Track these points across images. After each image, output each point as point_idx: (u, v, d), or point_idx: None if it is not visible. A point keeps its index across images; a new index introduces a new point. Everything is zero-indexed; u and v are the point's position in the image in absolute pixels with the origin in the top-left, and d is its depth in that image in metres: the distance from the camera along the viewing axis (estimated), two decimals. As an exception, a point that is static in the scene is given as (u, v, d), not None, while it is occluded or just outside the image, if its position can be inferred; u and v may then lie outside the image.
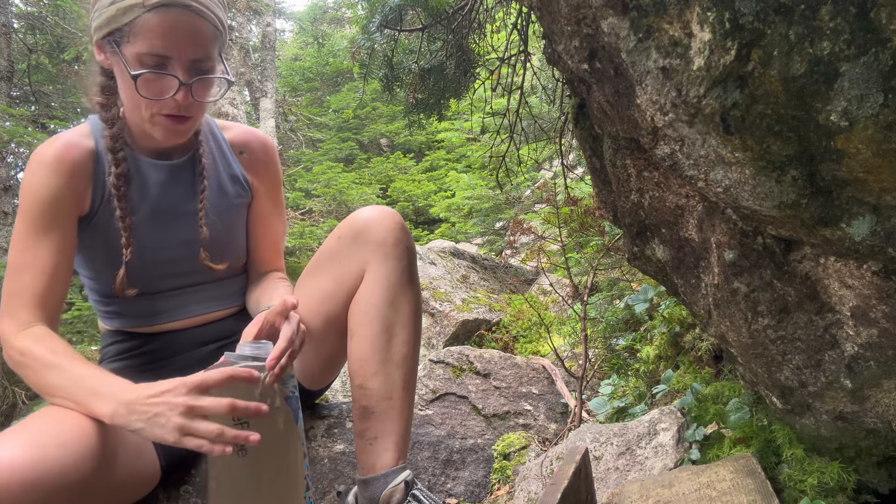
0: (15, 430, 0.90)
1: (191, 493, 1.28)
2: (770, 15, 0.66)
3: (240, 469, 0.97)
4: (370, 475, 1.14)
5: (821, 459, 1.04)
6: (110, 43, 1.07)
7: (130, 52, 1.05)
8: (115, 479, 1.00)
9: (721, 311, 1.01)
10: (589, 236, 2.31)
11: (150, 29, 1.03)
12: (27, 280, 1.09)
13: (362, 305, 1.20)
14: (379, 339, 1.18)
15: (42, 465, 0.85)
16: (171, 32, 1.04)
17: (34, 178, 1.11)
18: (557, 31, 0.97)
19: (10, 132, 4.77)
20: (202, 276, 1.30)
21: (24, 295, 1.08)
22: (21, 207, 1.12)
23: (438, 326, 3.01)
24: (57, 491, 0.86)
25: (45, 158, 1.12)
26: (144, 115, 1.10)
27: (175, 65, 1.06)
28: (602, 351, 2.03)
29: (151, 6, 1.02)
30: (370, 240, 1.20)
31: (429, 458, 1.51)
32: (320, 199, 8.74)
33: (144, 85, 1.06)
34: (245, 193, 1.35)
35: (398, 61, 2.20)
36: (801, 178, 0.74)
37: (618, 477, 1.24)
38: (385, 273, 1.20)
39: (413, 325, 1.23)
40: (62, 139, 1.14)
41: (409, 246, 1.23)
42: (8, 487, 0.82)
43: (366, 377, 1.18)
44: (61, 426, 0.92)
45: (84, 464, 0.90)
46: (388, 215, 1.23)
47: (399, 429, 1.18)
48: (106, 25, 1.06)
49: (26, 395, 4.17)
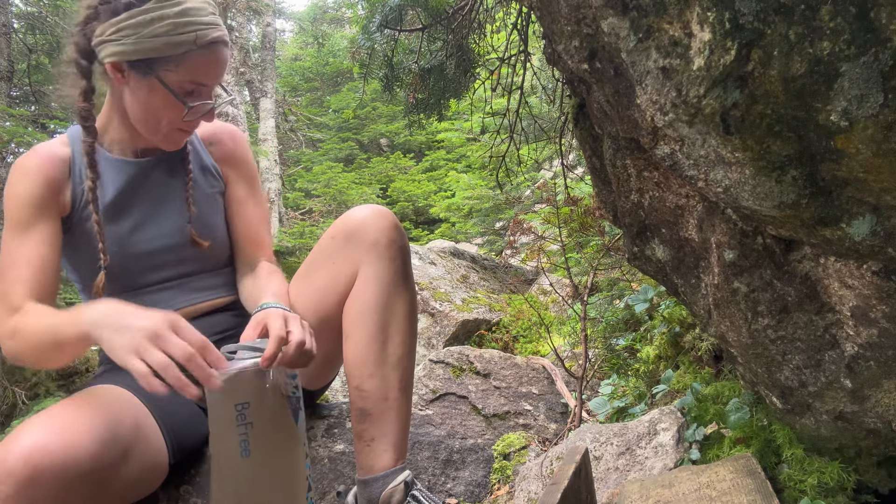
0: (43, 417, 0.90)
1: (191, 493, 1.28)
2: (770, 15, 0.66)
3: (242, 469, 0.97)
4: (369, 476, 1.14)
5: (821, 459, 1.04)
6: (140, 66, 1.13)
7: (173, 79, 1.14)
8: (133, 471, 1.01)
9: (721, 311, 1.01)
10: (589, 236, 2.31)
11: (197, 63, 1.14)
12: (18, 274, 1.12)
13: (356, 307, 1.20)
14: (374, 340, 1.18)
15: (74, 450, 0.86)
16: (214, 65, 1.17)
17: (16, 186, 1.18)
18: (557, 31, 0.98)
19: (10, 132, 4.76)
20: (188, 266, 1.30)
21: (16, 289, 1.11)
22: (6, 216, 1.17)
23: (438, 326, 3.01)
24: (86, 476, 0.87)
25: (26, 167, 1.19)
26: (162, 129, 1.19)
27: (207, 91, 1.19)
28: (602, 351, 2.03)
29: (204, 45, 1.13)
30: (363, 240, 1.20)
31: (429, 458, 1.51)
32: (320, 199, 8.75)
33: (192, 111, 1.17)
34: (217, 183, 1.38)
35: (398, 61, 2.20)
36: (801, 178, 0.74)
37: (618, 477, 1.24)
38: (378, 274, 1.20)
39: (408, 326, 1.22)
40: (40, 149, 1.22)
41: (403, 246, 1.23)
42: (44, 471, 0.82)
43: (362, 379, 1.18)
44: (87, 415, 0.93)
45: (110, 453, 0.91)
46: (382, 215, 1.23)
47: (397, 430, 1.17)
48: (143, 52, 1.11)
49: (26, 395, 4.16)
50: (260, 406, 0.98)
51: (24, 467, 0.82)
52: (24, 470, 0.82)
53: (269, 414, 0.99)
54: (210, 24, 1.14)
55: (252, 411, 0.97)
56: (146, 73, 1.14)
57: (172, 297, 1.28)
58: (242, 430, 0.96)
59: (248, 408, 0.97)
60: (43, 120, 6.17)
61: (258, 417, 0.98)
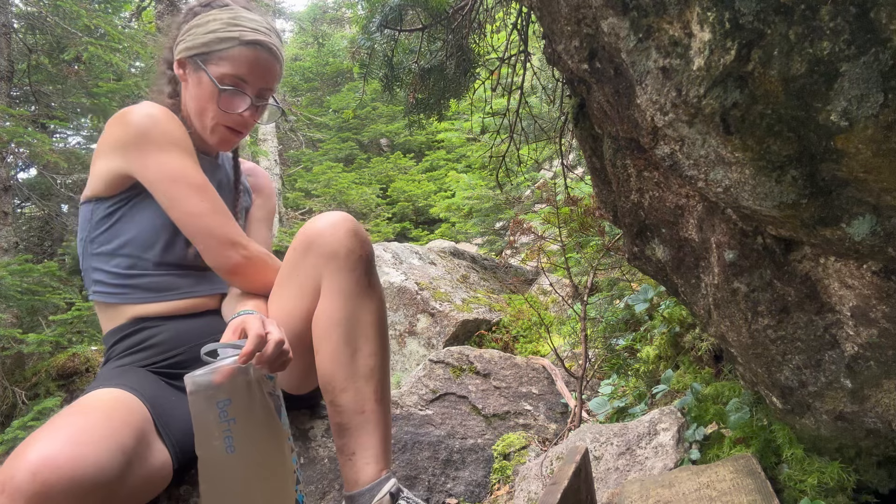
0: (50, 429, 0.90)
1: (191, 493, 1.28)
2: (770, 15, 0.66)
3: (229, 466, 0.97)
4: (355, 491, 1.14)
5: (821, 459, 1.04)
6: (195, 61, 1.30)
7: (216, 71, 1.28)
8: (138, 478, 1.00)
9: (721, 311, 1.01)
10: (589, 236, 2.31)
11: (239, 58, 1.28)
12: (223, 207, 1.27)
13: (321, 321, 1.19)
14: (342, 354, 1.17)
15: (81, 462, 0.85)
16: (255, 64, 1.30)
17: (171, 124, 1.26)
18: (557, 31, 0.98)
19: (10, 132, 4.76)
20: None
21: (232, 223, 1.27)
22: (165, 140, 1.23)
23: (438, 326, 3.01)
24: (94, 488, 0.86)
25: (171, 115, 1.28)
26: (208, 123, 1.32)
27: (249, 89, 1.31)
28: (602, 351, 2.03)
29: (246, 42, 1.28)
30: (321, 252, 1.19)
31: (429, 458, 1.51)
32: (320, 199, 8.75)
33: (225, 98, 1.30)
34: (248, 202, 1.55)
35: (398, 61, 2.20)
36: (801, 178, 0.74)
37: (618, 477, 1.24)
38: (339, 286, 1.18)
39: (377, 335, 1.21)
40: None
41: (363, 255, 1.21)
42: (53, 486, 0.82)
43: (335, 394, 1.17)
44: (91, 426, 0.93)
45: (116, 462, 0.91)
46: (339, 223, 1.20)
47: (377, 441, 1.16)
48: (199, 47, 1.29)
49: (26, 395, 4.16)
50: (242, 402, 0.99)
51: (32, 483, 0.81)
52: (33, 486, 0.81)
53: (252, 410, 1.00)
54: (257, 30, 1.29)
55: (234, 408, 0.98)
56: (197, 68, 1.30)
57: (200, 283, 1.34)
58: (226, 426, 0.96)
59: (231, 405, 0.97)
60: (43, 120, 6.17)
61: (241, 414, 0.98)
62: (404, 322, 3.13)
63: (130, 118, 1.23)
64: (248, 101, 1.31)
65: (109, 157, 1.25)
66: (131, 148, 1.22)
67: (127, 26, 7.34)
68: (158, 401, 1.13)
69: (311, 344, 1.22)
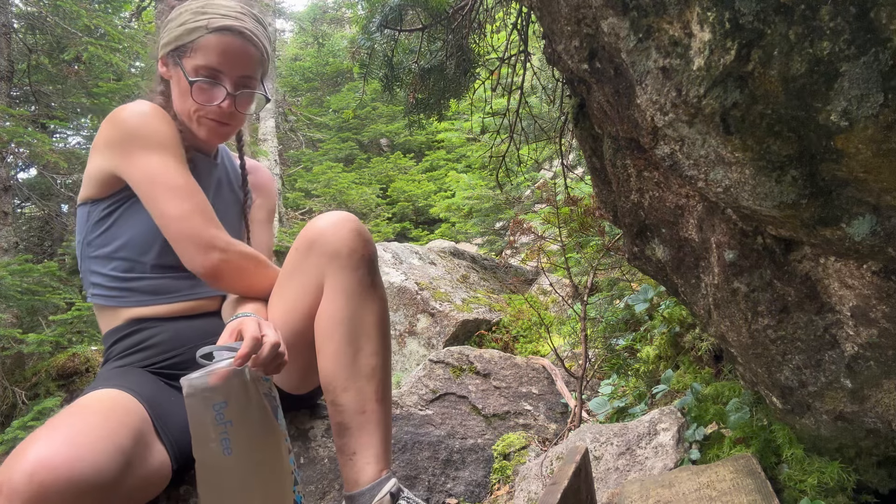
0: (47, 430, 0.90)
1: (191, 493, 1.28)
2: (770, 15, 0.66)
3: (226, 468, 0.98)
4: (355, 491, 1.14)
5: (821, 459, 1.04)
6: (173, 57, 1.28)
7: (190, 64, 1.25)
8: (137, 479, 1.00)
9: (721, 311, 1.01)
10: (589, 236, 2.31)
11: (209, 47, 1.24)
12: (205, 204, 1.24)
13: (324, 320, 1.19)
14: (344, 353, 1.17)
15: (78, 463, 0.85)
16: (226, 52, 1.25)
17: (161, 123, 1.25)
18: (557, 31, 0.98)
19: (10, 132, 4.76)
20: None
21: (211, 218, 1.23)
22: (152, 140, 1.22)
23: (438, 326, 3.01)
24: (91, 490, 0.86)
25: (162, 113, 1.27)
26: (193, 116, 1.29)
27: (225, 79, 1.27)
28: (602, 351, 2.03)
29: (213, 29, 1.24)
30: (324, 251, 1.19)
31: (429, 458, 1.51)
32: (320, 199, 8.75)
33: (198, 91, 1.26)
34: (247, 199, 1.53)
35: (398, 61, 2.20)
36: (801, 177, 0.74)
37: (618, 477, 1.24)
38: (342, 285, 1.18)
39: (379, 334, 1.21)
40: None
41: (366, 254, 1.21)
42: (50, 487, 0.82)
43: (336, 393, 1.17)
44: (89, 427, 0.93)
45: (114, 463, 0.91)
46: (342, 223, 1.20)
47: (378, 441, 1.16)
48: (172, 42, 1.27)
49: (26, 395, 4.16)
50: (238, 404, 0.99)
51: (29, 484, 0.81)
52: (30, 487, 0.81)
53: (248, 411, 1.00)
54: (226, 16, 1.24)
55: (230, 410, 0.98)
56: (175, 63, 1.28)
57: (198, 285, 1.33)
58: (222, 428, 0.96)
59: (227, 407, 0.97)
60: (43, 120, 6.17)
61: (237, 415, 0.98)
62: (404, 322, 3.13)
63: (121, 117, 1.23)
64: (223, 91, 1.27)
65: (101, 157, 1.25)
66: (119, 148, 1.22)
67: (127, 26, 7.34)
68: (157, 401, 1.13)
69: (311, 342, 1.22)
